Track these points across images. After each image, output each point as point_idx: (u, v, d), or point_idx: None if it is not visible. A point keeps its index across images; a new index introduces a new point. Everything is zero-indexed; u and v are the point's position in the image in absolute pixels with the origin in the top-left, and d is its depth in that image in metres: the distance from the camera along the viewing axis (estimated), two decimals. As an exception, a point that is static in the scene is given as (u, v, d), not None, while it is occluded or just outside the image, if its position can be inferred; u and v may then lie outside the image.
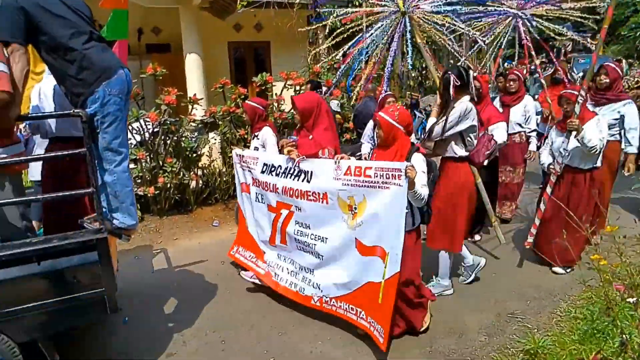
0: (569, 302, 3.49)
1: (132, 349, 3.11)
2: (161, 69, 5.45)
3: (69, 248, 2.41)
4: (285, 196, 3.39)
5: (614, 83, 4.26)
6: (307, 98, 3.57)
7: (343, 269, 3.07)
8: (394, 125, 2.85)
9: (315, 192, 3.15)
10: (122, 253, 4.64)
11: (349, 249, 3.00)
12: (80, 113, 2.36)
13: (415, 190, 2.68)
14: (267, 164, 3.61)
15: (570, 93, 3.74)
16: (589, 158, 3.76)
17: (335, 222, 3.07)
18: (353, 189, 2.91)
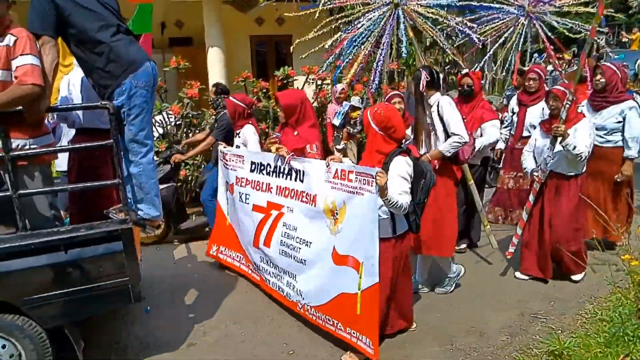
0: (595, 304, 3.40)
1: (154, 338, 3.15)
2: (184, 62, 5.50)
3: (94, 237, 2.45)
4: (279, 196, 3.26)
5: (611, 83, 3.93)
6: (291, 94, 3.51)
7: (319, 277, 2.93)
8: (370, 125, 2.67)
9: (307, 193, 3.01)
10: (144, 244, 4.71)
11: (326, 256, 2.86)
12: (108, 105, 2.40)
13: (389, 198, 2.46)
14: (256, 162, 3.50)
15: (558, 90, 3.49)
16: (574, 164, 3.52)
17: (319, 227, 2.91)
18: (337, 193, 2.75)
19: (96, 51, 2.43)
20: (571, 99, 3.35)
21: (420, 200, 2.71)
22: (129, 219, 2.51)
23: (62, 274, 2.42)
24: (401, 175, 2.56)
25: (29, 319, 2.40)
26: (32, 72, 2.25)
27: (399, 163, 2.59)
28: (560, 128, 3.34)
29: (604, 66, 4.00)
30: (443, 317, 3.31)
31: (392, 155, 2.61)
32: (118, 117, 2.45)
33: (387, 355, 2.90)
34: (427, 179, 2.69)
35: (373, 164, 2.58)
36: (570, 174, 3.57)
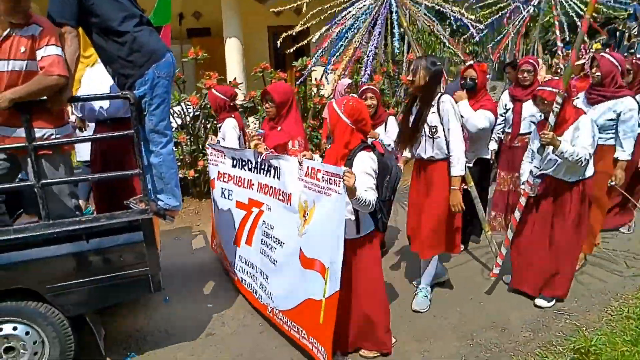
0: (621, 301, 3.31)
1: (173, 327, 3.18)
2: (202, 53, 5.49)
3: (115, 227, 2.47)
4: (260, 193, 3.13)
5: (608, 77, 3.54)
6: (284, 89, 3.35)
7: (288, 280, 2.80)
8: (340, 116, 2.47)
9: (283, 191, 2.87)
10: (163, 234, 4.75)
11: (294, 258, 2.70)
12: (129, 95, 2.40)
13: (358, 197, 2.30)
14: (236, 158, 3.36)
15: (544, 91, 3.04)
16: (574, 169, 3.08)
17: (292, 227, 2.75)
18: (308, 192, 2.59)
19: (119, 41, 2.42)
20: (561, 101, 2.91)
21: (386, 197, 2.58)
22: (149, 209, 2.52)
23: (84, 263, 2.44)
24: (366, 172, 2.41)
25: (52, 306, 2.44)
26: (58, 62, 2.26)
27: (363, 159, 2.44)
28: (548, 135, 2.93)
29: (601, 57, 3.62)
30: (463, 311, 3.27)
31: (355, 150, 2.46)
32: (139, 107, 2.45)
33: (407, 349, 2.89)
34: (392, 174, 2.57)
35: (337, 161, 2.47)
36: (571, 180, 3.13)
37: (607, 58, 3.58)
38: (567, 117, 3.03)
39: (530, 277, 3.34)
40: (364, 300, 2.64)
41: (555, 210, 3.21)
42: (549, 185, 3.21)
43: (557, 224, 3.21)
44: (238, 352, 2.91)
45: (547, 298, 3.28)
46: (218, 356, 2.89)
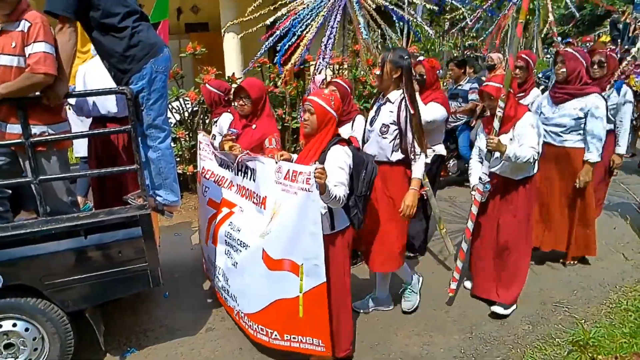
0: (620, 294, 3.33)
1: (173, 322, 3.19)
2: (200, 48, 5.46)
3: (114, 223, 2.47)
4: (237, 195, 3.01)
5: (574, 73, 3.31)
6: (259, 85, 3.23)
7: (251, 283, 2.68)
8: (326, 110, 2.40)
9: (257, 194, 2.76)
10: (162, 229, 4.74)
11: (257, 260, 2.58)
12: (125, 90, 2.38)
13: (329, 193, 2.24)
14: (219, 157, 3.24)
15: (492, 87, 2.93)
16: (521, 168, 2.97)
17: (254, 230, 2.65)
18: (284, 194, 2.45)
19: (118, 36, 2.40)
20: (503, 105, 2.82)
21: (362, 193, 2.48)
22: (148, 205, 2.52)
23: (82, 259, 2.44)
24: (339, 166, 2.35)
25: (51, 302, 2.44)
26: (45, 60, 2.23)
27: (337, 152, 2.38)
28: (494, 141, 2.84)
29: (565, 53, 3.38)
30: (463, 305, 3.27)
31: (330, 144, 2.40)
32: (136, 102, 2.44)
33: (407, 342, 2.90)
34: (368, 169, 2.46)
35: (311, 154, 2.42)
36: (517, 177, 3.03)
37: (572, 53, 3.38)
38: (511, 114, 2.92)
39: (481, 282, 3.25)
40: (334, 299, 2.51)
41: (501, 208, 3.09)
42: (495, 184, 3.08)
43: (503, 223, 3.08)
44: (237, 347, 2.92)
45: (504, 305, 3.12)
46: (218, 351, 2.90)
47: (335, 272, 2.49)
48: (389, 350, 2.82)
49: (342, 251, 2.52)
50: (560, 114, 3.37)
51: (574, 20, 11.22)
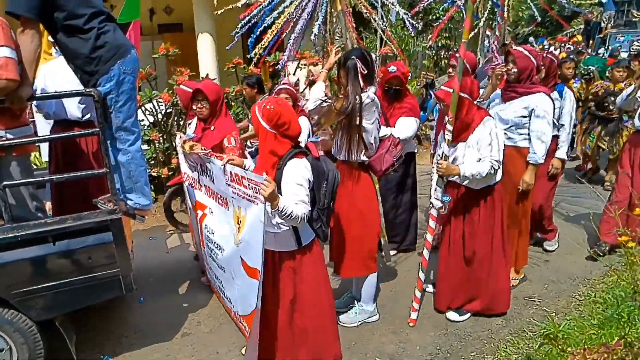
0: (589, 286, 3.42)
1: (149, 328, 3.14)
2: (174, 49, 5.40)
3: (83, 228, 2.41)
4: (205, 195, 2.96)
5: (525, 72, 3.19)
6: (215, 87, 3.24)
7: (239, 287, 2.61)
8: (260, 123, 2.21)
9: (220, 195, 2.68)
10: (136, 233, 4.67)
11: (238, 266, 2.50)
12: (93, 92, 2.33)
13: (282, 209, 2.08)
14: (190, 159, 3.15)
15: (441, 91, 2.86)
16: (482, 181, 2.85)
17: (229, 233, 2.59)
18: (239, 199, 2.39)
19: (84, 37, 2.35)
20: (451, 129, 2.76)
21: (325, 204, 2.33)
22: (118, 209, 2.47)
23: (51, 266, 2.38)
24: (297, 182, 2.18)
25: (19, 312, 2.37)
26: (6, 65, 2.15)
27: (294, 167, 2.20)
28: (442, 166, 2.75)
29: (516, 52, 3.26)
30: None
31: (285, 158, 2.22)
32: (104, 104, 2.39)
33: (384, 340, 2.93)
34: (329, 180, 2.31)
35: (266, 169, 2.24)
36: (478, 187, 2.92)
37: (523, 52, 3.25)
38: (469, 120, 2.80)
39: (448, 292, 3.13)
40: (308, 313, 2.42)
41: (465, 218, 3.00)
42: (456, 193, 2.98)
43: (468, 234, 3.00)
44: (214, 351, 2.89)
45: (459, 311, 3.09)
46: (194, 356, 2.87)
47: (310, 286, 2.39)
48: (365, 350, 2.84)
49: (313, 265, 2.41)
50: (507, 112, 3.28)
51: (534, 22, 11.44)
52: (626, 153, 3.85)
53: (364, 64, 2.65)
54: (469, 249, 3.00)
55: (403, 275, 3.69)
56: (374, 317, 3.11)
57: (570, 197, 5.14)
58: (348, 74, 2.66)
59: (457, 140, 2.84)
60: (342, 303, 3.21)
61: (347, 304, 3.19)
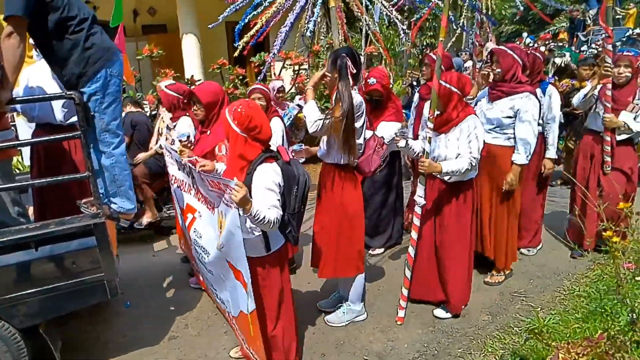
0: (573, 281, 3.47)
1: (135, 332, 3.11)
2: (158, 50, 5.36)
3: (66, 233, 2.38)
4: (195, 199, 2.90)
5: (509, 72, 3.21)
6: (212, 90, 3.10)
7: (228, 288, 2.59)
8: (230, 126, 2.18)
9: (209, 199, 2.63)
10: (123, 237, 4.63)
11: (227, 269, 2.47)
12: (73, 95, 2.30)
13: (254, 214, 2.05)
14: (178, 161, 3.06)
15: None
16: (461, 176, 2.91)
17: (213, 237, 2.57)
18: (222, 204, 2.34)
19: (74, 38, 2.34)
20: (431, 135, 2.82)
21: (295, 210, 2.30)
22: (102, 213, 2.44)
23: (33, 272, 2.34)
24: (267, 187, 2.15)
25: (1, 319, 2.32)
26: None
27: (264, 172, 2.17)
28: (424, 165, 2.79)
29: (500, 52, 3.28)
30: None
31: (255, 162, 2.19)
32: (85, 107, 2.36)
33: (371, 339, 2.93)
34: (300, 184, 2.27)
35: (235, 173, 2.21)
36: (451, 180, 2.97)
37: (507, 52, 3.26)
38: (455, 114, 2.85)
39: (420, 284, 3.17)
40: (270, 320, 2.43)
41: (439, 211, 3.05)
42: (431, 185, 3.03)
43: (439, 226, 3.06)
44: (202, 353, 2.88)
45: (445, 308, 3.13)
46: (182, 359, 2.85)
47: (278, 292, 2.39)
48: (353, 349, 2.85)
49: (280, 271, 2.39)
50: (493, 112, 3.31)
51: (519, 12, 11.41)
52: (581, 153, 3.83)
53: (353, 63, 2.64)
54: (439, 241, 3.07)
55: (390, 274, 3.71)
56: (361, 316, 3.12)
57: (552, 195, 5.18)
58: (339, 73, 2.63)
59: (440, 131, 2.89)
60: (329, 303, 3.22)
61: (334, 304, 3.20)
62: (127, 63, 5.23)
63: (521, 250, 3.94)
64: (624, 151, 3.59)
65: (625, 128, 3.46)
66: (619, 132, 3.53)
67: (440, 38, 2.75)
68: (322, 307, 3.20)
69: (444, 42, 2.75)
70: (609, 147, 3.54)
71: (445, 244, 3.05)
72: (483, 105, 3.40)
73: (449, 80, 2.83)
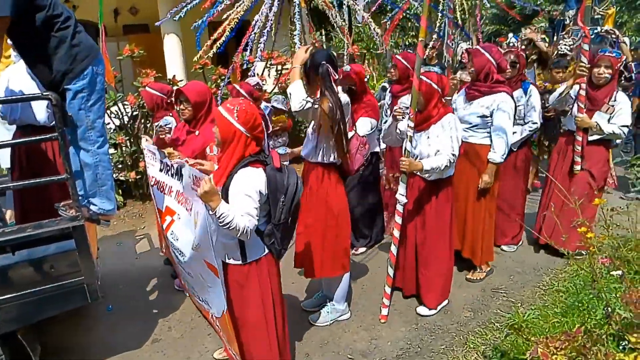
0: (552, 276, 3.54)
1: (117, 336, 3.07)
2: (139, 50, 5.29)
3: (44, 237, 2.33)
4: (175, 201, 2.84)
5: (482, 71, 3.25)
6: (200, 89, 3.06)
7: (209, 289, 2.52)
8: (233, 125, 2.06)
9: (188, 200, 2.57)
10: (104, 239, 4.56)
11: (204, 268, 2.41)
12: (50, 95, 2.26)
13: (218, 214, 1.95)
14: (163, 162, 3.01)
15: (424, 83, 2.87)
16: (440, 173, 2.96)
17: (189, 238, 2.51)
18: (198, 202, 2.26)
19: (60, 35, 2.32)
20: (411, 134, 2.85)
21: (280, 220, 2.14)
22: (81, 215, 2.40)
23: (10, 277, 2.29)
24: (245, 193, 2.03)
25: (-23, 326, 2.28)
26: None
27: (245, 176, 2.06)
28: (405, 164, 2.82)
29: (474, 51, 3.34)
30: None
31: (238, 166, 2.08)
32: (62, 109, 2.33)
33: (355, 338, 2.94)
34: (288, 194, 2.11)
35: (222, 177, 2.13)
36: (431, 178, 3.02)
37: (481, 52, 3.30)
38: (435, 112, 2.90)
39: (403, 281, 3.25)
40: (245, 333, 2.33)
41: (419, 209, 3.09)
42: (411, 183, 3.05)
43: (420, 224, 3.11)
44: (185, 356, 2.86)
45: (424, 304, 3.18)
46: (165, 362, 2.83)
47: (255, 305, 2.27)
48: (337, 348, 2.86)
49: (261, 283, 2.24)
50: (469, 111, 3.35)
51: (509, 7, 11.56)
52: (556, 152, 3.89)
53: (333, 67, 2.62)
54: (420, 238, 3.11)
55: (374, 272, 3.73)
56: (345, 315, 3.13)
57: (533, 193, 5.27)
58: (323, 81, 2.61)
59: (419, 129, 2.93)
60: (313, 303, 3.23)
61: (318, 304, 3.20)
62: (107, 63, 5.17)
63: (502, 247, 4.00)
64: (596, 152, 3.61)
65: (597, 129, 3.49)
66: (591, 133, 3.57)
67: (420, 38, 2.78)
68: (305, 307, 3.21)
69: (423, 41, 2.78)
70: (580, 147, 3.58)
71: (426, 241, 3.09)
72: (459, 105, 3.44)
73: (430, 79, 2.88)
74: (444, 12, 5.10)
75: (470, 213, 3.48)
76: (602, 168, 3.65)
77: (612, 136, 3.54)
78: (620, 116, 3.47)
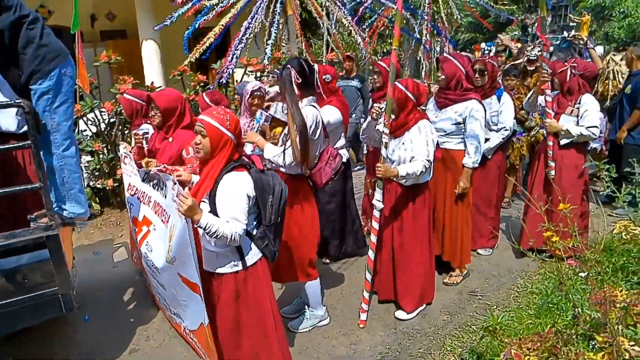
0: (526, 278, 3.63)
1: (94, 346, 3.02)
2: (116, 56, 5.24)
3: (17, 247, 2.29)
4: (152, 211, 2.83)
5: (453, 79, 3.33)
6: (171, 96, 3.06)
7: (184, 302, 2.54)
8: (223, 132, 2.08)
9: (166, 211, 2.56)
10: (80, 248, 4.50)
11: (179, 282, 2.43)
12: (22, 103, 2.24)
13: (202, 225, 1.98)
14: (145, 172, 3.03)
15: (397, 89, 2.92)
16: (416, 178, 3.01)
17: (163, 251, 2.50)
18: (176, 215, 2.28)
19: (27, 36, 2.29)
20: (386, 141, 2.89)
21: (271, 221, 2.20)
22: (55, 224, 2.37)
23: (-18, 288, 2.25)
24: (232, 198, 2.05)
25: (-53, 339, 2.23)
26: None
27: (231, 181, 2.07)
28: (381, 170, 2.85)
29: (444, 60, 3.43)
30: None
31: (223, 171, 2.09)
32: (35, 116, 2.30)
33: (334, 343, 2.96)
34: (275, 194, 2.17)
35: (208, 186, 2.12)
36: (407, 184, 3.07)
37: (451, 60, 3.39)
38: (409, 119, 2.96)
39: (382, 285, 3.29)
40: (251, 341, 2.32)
41: (397, 214, 3.13)
42: (389, 188, 3.11)
43: (397, 229, 3.15)
44: (163, 365, 2.84)
45: (402, 308, 3.21)
46: (143, 372, 2.80)
47: (256, 310, 2.28)
48: (317, 354, 2.87)
49: (258, 287, 2.26)
50: (441, 119, 3.42)
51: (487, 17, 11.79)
52: (535, 160, 3.99)
53: (300, 73, 2.64)
54: (397, 243, 3.16)
55: (353, 278, 3.76)
56: (324, 320, 3.15)
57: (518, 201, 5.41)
58: (285, 86, 2.63)
59: (395, 135, 3.01)
60: (293, 309, 3.24)
61: (298, 310, 3.21)
62: (83, 69, 5.10)
63: (478, 250, 4.08)
64: (569, 155, 3.70)
65: (566, 132, 3.60)
66: (561, 137, 3.67)
67: (394, 46, 2.84)
68: (285, 314, 3.21)
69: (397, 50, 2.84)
70: (552, 151, 3.67)
71: (404, 246, 3.14)
72: (431, 113, 3.52)
73: (405, 86, 2.94)
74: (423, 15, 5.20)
75: (447, 217, 3.55)
76: (576, 171, 3.73)
77: (582, 138, 3.62)
78: (586, 118, 3.57)
